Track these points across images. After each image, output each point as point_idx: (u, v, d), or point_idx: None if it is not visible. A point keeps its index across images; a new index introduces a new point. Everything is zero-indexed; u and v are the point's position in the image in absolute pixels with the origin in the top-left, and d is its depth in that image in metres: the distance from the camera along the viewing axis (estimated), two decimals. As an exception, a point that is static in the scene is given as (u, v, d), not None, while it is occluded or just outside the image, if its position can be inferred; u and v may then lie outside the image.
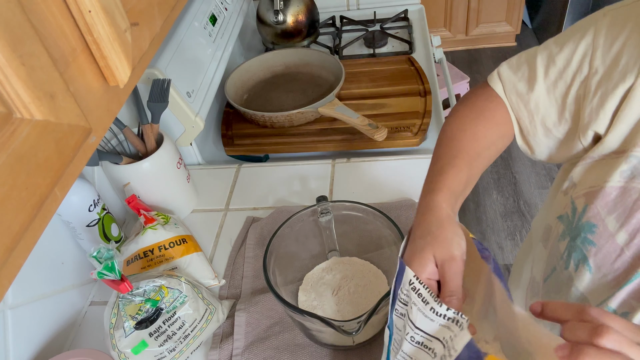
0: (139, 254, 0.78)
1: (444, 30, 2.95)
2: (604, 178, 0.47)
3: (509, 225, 2.06)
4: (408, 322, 0.47)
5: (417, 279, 0.46)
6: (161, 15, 0.52)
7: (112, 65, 0.42)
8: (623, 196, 0.45)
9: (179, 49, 0.97)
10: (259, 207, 0.96)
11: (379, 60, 1.29)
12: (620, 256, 0.46)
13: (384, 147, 1.03)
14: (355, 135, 1.04)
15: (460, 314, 0.44)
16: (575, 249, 0.51)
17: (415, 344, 0.48)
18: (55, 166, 0.36)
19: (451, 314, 0.45)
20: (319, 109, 1.05)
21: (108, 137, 0.87)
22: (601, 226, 0.47)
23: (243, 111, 1.11)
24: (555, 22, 2.72)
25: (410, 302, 0.47)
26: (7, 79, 0.31)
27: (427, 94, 1.12)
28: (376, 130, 0.95)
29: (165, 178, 0.88)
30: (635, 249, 0.45)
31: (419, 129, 1.04)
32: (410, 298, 0.47)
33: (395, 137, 1.03)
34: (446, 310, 0.45)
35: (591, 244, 0.49)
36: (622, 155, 0.46)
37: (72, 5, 0.38)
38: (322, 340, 0.68)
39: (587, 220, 0.49)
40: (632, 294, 0.46)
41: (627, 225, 0.45)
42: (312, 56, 1.25)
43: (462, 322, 0.44)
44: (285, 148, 1.08)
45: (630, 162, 0.45)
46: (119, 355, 0.66)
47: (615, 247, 0.46)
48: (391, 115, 1.09)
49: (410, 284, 0.46)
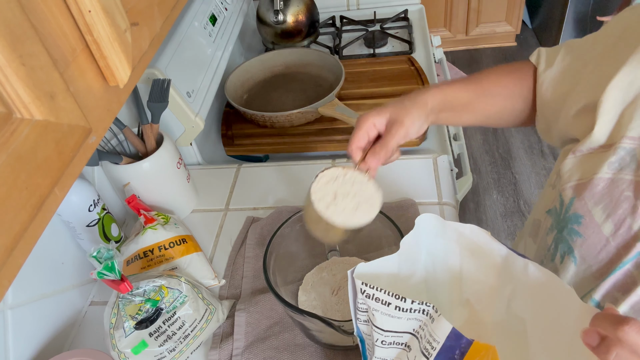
0: (139, 254, 0.78)
1: (444, 30, 2.95)
2: (593, 170, 0.47)
3: (509, 225, 2.06)
4: (374, 329, 0.47)
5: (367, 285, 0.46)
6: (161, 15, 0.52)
7: (112, 65, 0.42)
8: (610, 187, 0.46)
9: (179, 49, 0.97)
10: (259, 207, 0.96)
11: (379, 60, 1.29)
12: (605, 247, 0.46)
13: None
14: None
15: (425, 303, 0.45)
16: (561, 240, 0.51)
17: (388, 346, 0.48)
18: (55, 166, 0.36)
19: (416, 306, 0.45)
20: (319, 109, 1.04)
21: (108, 137, 0.87)
22: (588, 217, 0.48)
23: (243, 111, 1.11)
24: (555, 22, 2.72)
25: (370, 309, 0.47)
26: (7, 79, 0.31)
27: None
28: None
29: (165, 178, 0.88)
30: (620, 239, 0.45)
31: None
32: (368, 306, 0.47)
33: None
34: (411, 304, 0.45)
35: (577, 235, 0.49)
36: (609, 148, 0.47)
37: (72, 5, 0.38)
38: (322, 340, 0.68)
39: (574, 211, 0.49)
40: (615, 285, 0.46)
41: (613, 216, 0.45)
42: (312, 56, 1.25)
43: (428, 309, 0.45)
44: (285, 148, 1.08)
45: (618, 154, 0.46)
46: (118, 355, 0.66)
47: (600, 238, 0.46)
48: None
49: (363, 292, 0.46)
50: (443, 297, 0.57)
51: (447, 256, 0.54)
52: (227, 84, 1.17)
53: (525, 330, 0.49)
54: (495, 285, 0.52)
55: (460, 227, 0.52)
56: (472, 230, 0.51)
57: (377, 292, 0.46)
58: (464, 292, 0.56)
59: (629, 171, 0.45)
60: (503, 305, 0.52)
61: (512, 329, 0.51)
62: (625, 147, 0.45)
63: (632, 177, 0.45)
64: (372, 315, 0.47)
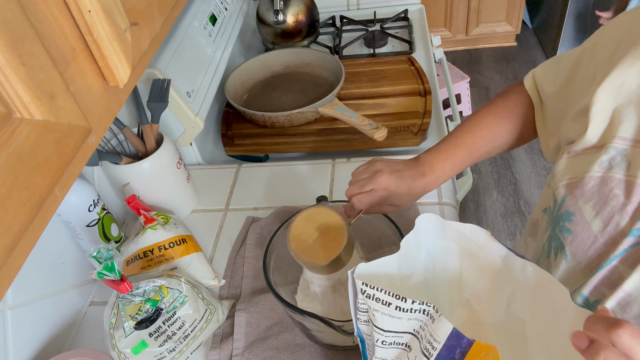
0: (138, 254, 0.78)
1: (444, 30, 2.95)
2: (584, 169, 0.49)
3: (509, 225, 2.06)
4: (375, 329, 0.48)
5: (367, 285, 0.46)
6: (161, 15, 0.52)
7: (112, 65, 0.42)
8: (600, 185, 0.47)
9: (179, 49, 0.97)
10: (259, 207, 0.96)
11: (379, 60, 1.29)
12: (594, 243, 0.47)
13: (385, 147, 1.03)
14: (356, 135, 1.04)
15: (426, 303, 0.45)
16: (554, 237, 0.53)
17: (388, 346, 0.48)
18: (55, 166, 0.36)
19: (417, 306, 0.45)
20: (319, 109, 1.04)
21: (108, 137, 0.87)
22: (578, 214, 0.49)
23: (243, 111, 1.11)
24: (556, 22, 2.72)
25: (370, 309, 0.47)
26: (7, 79, 0.31)
27: (428, 93, 1.12)
28: (376, 130, 0.95)
29: (165, 178, 0.88)
30: (608, 236, 0.46)
31: (419, 129, 1.04)
32: (369, 306, 0.47)
33: (396, 137, 1.03)
34: (412, 304, 0.45)
35: (568, 232, 0.50)
36: (601, 148, 0.48)
37: (72, 5, 0.38)
38: (322, 340, 0.68)
39: (566, 209, 0.50)
40: (603, 280, 0.47)
41: (602, 213, 0.46)
42: (312, 56, 1.25)
43: (429, 309, 0.45)
44: (285, 148, 1.08)
45: (609, 154, 0.47)
46: (118, 355, 0.66)
47: (590, 235, 0.47)
48: (391, 115, 1.09)
49: (363, 292, 0.46)
50: (443, 297, 0.57)
51: (447, 257, 0.54)
52: (227, 84, 1.17)
53: (524, 331, 0.49)
54: (494, 286, 0.52)
55: (460, 227, 0.52)
56: (472, 230, 0.51)
57: (378, 292, 0.46)
58: (463, 292, 0.56)
59: (619, 170, 0.46)
60: (502, 306, 0.52)
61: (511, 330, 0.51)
62: (616, 147, 0.46)
63: (622, 176, 0.46)
64: (373, 315, 0.47)
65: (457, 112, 1.25)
